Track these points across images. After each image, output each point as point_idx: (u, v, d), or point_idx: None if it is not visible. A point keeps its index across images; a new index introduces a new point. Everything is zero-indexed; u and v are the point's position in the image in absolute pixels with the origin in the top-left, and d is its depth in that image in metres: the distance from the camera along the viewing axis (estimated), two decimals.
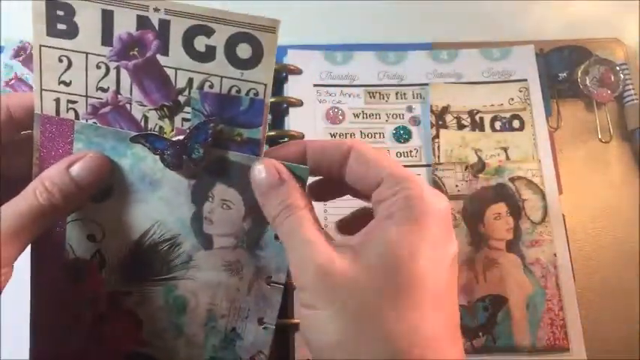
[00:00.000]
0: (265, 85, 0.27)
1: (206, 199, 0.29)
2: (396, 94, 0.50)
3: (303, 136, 0.48)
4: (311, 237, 0.25)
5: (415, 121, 0.50)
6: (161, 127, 0.28)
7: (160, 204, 0.29)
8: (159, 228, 0.30)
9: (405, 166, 0.47)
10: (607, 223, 0.48)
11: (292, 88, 0.49)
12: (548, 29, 0.55)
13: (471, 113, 0.50)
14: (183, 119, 0.28)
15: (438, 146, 0.48)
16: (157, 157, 0.28)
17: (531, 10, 0.56)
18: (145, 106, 0.28)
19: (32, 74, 0.48)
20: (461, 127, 0.49)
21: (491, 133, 0.49)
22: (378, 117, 0.49)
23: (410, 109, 0.50)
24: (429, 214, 0.24)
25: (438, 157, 0.48)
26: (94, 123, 0.28)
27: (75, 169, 0.27)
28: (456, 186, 0.47)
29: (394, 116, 0.50)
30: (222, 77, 0.27)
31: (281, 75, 0.50)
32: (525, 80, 0.51)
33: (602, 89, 0.51)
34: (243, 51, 0.27)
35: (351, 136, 0.49)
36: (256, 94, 0.27)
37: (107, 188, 0.29)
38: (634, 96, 0.51)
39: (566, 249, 0.46)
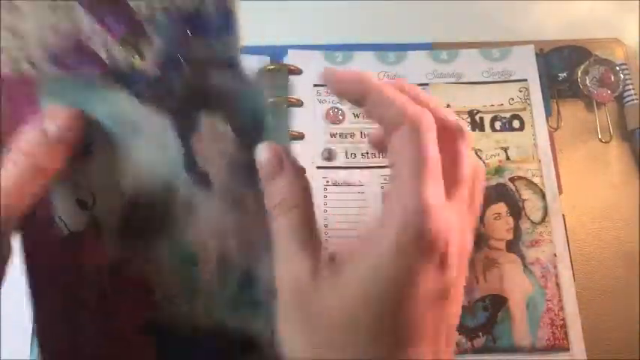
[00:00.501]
0: None
1: (193, 132, 0.26)
2: None
3: (303, 136, 0.48)
4: (296, 245, 0.24)
5: None
6: (132, 63, 0.25)
7: (146, 149, 0.26)
8: (151, 176, 0.27)
9: None
10: (607, 223, 0.48)
11: (292, 88, 0.49)
12: (548, 29, 0.55)
13: (471, 113, 0.50)
14: (154, 49, 0.25)
15: None
16: (133, 97, 0.25)
17: (531, 10, 0.56)
18: (108, 42, 0.24)
19: None
20: None
21: (491, 133, 0.49)
22: None
23: None
24: (437, 165, 0.23)
25: None
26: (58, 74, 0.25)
27: (51, 129, 0.24)
28: None
29: None
30: None
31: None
32: (525, 80, 0.51)
33: (602, 89, 0.51)
34: None
35: (351, 136, 0.49)
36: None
37: (86, 144, 0.26)
38: (634, 96, 0.51)
39: (566, 249, 0.46)
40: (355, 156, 0.48)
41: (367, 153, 0.48)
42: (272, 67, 0.49)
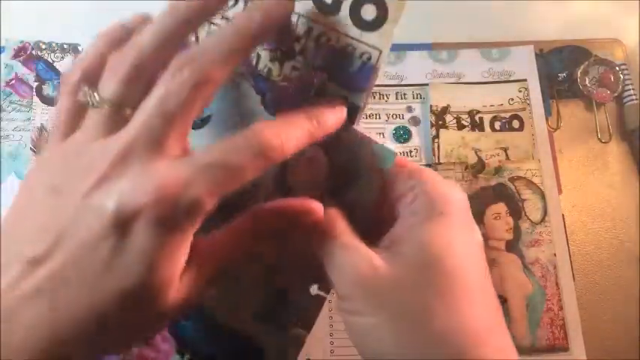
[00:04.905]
0: (380, 51, 0.26)
1: None
2: (396, 94, 0.50)
3: None
4: (347, 242, 0.25)
5: (415, 121, 0.50)
6: (270, 70, 0.28)
7: None
8: None
9: None
10: (607, 223, 0.48)
11: None
12: (548, 29, 0.55)
13: (471, 113, 0.50)
14: (293, 67, 0.27)
15: (438, 146, 0.48)
16: (257, 95, 0.27)
17: (531, 10, 0.56)
18: (261, 45, 0.27)
19: (32, 74, 0.48)
20: (461, 127, 0.49)
21: (491, 133, 0.49)
22: (378, 117, 0.50)
23: (410, 109, 0.50)
24: (450, 205, 0.25)
25: (438, 157, 0.48)
26: None
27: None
28: None
29: (394, 116, 0.50)
30: (340, 34, 0.26)
31: None
32: (525, 80, 0.51)
33: (601, 89, 0.52)
34: (368, 12, 0.26)
35: None
36: (369, 58, 0.26)
37: (207, 116, 0.29)
38: (633, 96, 0.51)
39: (566, 249, 0.46)
40: None
41: None
42: None
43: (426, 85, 0.50)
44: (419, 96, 0.50)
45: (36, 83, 0.48)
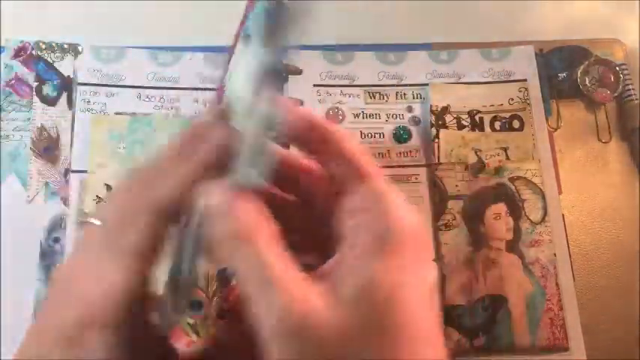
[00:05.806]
0: None
1: None
2: (396, 94, 0.50)
3: None
4: (273, 274, 0.20)
5: (415, 121, 0.50)
6: None
7: None
8: None
9: (405, 166, 0.48)
10: (607, 223, 0.48)
11: (292, 88, 0.49)
12: (548, 29, 0.55)
13: (471, 113, 0.50)
14: None
15: (438, 146, 0.48)
16: None
17: (531, 10, 0.56)
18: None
19: (32, 74, 0.48)
20: (461, 127, 0.49)
21: (491, 133, 0.49)
22: (377, 117, 0.50)
23: (410, 109, 0.50)
24: (405, 236, 0.21)
25: (438, 157, 0.48)
26: None
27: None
28: (456, 186, 0.47)
29: (394, 116, 0.50)
30: None
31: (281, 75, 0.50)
32: (525, 80, 0.51)
33: (601, 89, 0.52)
34: None
35: None
36: None
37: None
38: (633, 96, 0.51)
39: (566, 249, 0.46)
40: None
41: None
42: None
43: (426, 85, 0.50)
44: (419, 96, 0.50)
45: (36, 83, 0.48)
